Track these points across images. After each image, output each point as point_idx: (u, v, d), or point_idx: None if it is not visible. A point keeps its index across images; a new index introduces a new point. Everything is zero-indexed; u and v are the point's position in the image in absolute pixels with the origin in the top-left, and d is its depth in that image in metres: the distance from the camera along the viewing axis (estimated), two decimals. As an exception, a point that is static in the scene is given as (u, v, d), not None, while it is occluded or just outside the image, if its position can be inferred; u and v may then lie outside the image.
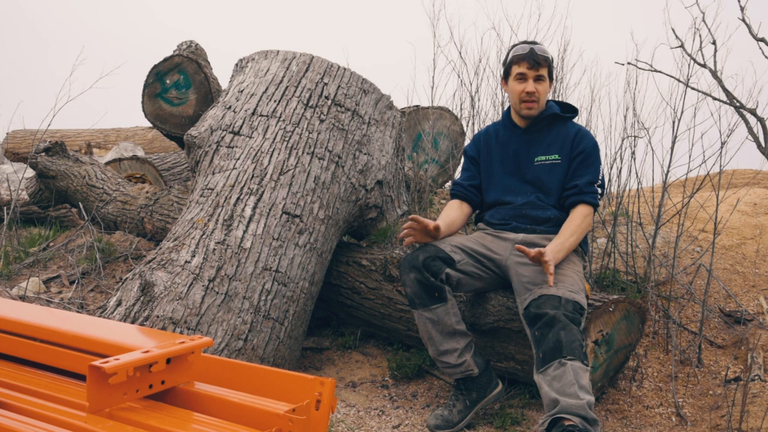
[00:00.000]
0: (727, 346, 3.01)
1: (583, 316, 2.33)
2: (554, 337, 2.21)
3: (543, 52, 2.67)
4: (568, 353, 2.17)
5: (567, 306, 2.29)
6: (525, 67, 2.66)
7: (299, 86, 3.04)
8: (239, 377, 1.22)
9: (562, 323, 2.23)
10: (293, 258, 2.70)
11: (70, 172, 4.20)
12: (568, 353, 2.17)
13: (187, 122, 3.78)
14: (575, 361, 2.17)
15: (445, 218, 2.73)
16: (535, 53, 2.65)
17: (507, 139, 2.80)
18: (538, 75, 2.66)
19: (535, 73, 2.66)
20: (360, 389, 2.92)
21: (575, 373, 2.15)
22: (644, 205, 3.88)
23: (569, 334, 2.21)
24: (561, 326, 2.22)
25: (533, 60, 2.64)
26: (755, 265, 3.54)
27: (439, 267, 2.51)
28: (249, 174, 2.80)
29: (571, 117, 2.78)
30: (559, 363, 2.17)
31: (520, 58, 2.67)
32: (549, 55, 2.69)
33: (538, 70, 2.65)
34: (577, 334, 2.22)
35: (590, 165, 2.66)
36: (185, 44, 4.02)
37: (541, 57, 2.65)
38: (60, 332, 1.27)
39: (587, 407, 2.11)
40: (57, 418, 1.03)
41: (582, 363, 2.18)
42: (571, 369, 2.16)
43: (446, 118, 4.32)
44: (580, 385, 2.14)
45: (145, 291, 2.45)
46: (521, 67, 2.67)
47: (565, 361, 2.17)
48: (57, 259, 4.23)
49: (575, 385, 2.14)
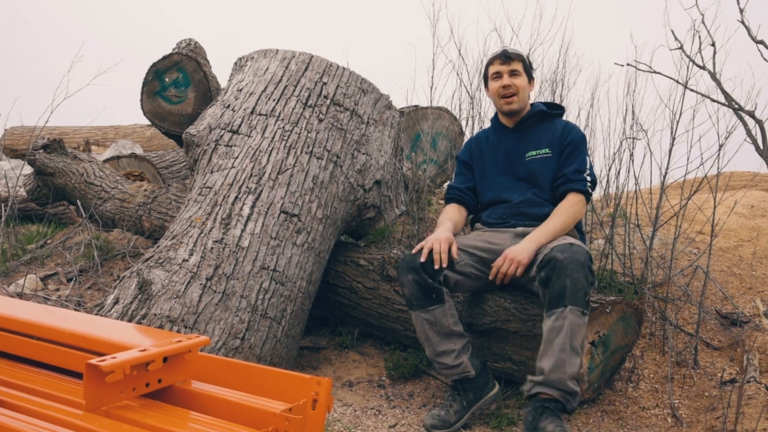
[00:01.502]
0: (723, 348, 3.01)
1: (591, 262, 2.41)
2: (560, 283, 2.30)
3: (514, 49, 2.82)
4: (570, 301, 2.27)
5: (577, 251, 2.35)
6: (498, 64, 2.79)
7: (298, 85, 3.04)
8: (236, 376, 1.22)
9: (569, 269, 2.30)
10: (291, 257, 2.70)
11: (68, 169, 4.20)
12: (571, 301, 2.27)
13: (185, 120, 3.78)
14: (575, 311, 2.27)
15: (451, 220, 2.76)
16: (506, 50, 2.80)
17: (497, 140, 2.87)
18: (512, 69, 2.77)
19: (509, 67, 2.77)
20: (357, 389, 2.92)
21: (571, 332, 2.26)
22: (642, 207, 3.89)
23: (574, 281, 2.29)
24: (568, 272, 2.29)
25: (504, 56, 2.78)
26: (752, 267, 3.55)
27: (437, 268, 2.52)
28: (247, 173, 2.80)
29: (558, 114, 2.83)
30: (561, 313, 2.28)
31: (493, 58, 2.83)
32: (521, 52, 2.82)
33: (510, 65, 2.77)
34: (582, 280, 2.29)
35: (578, 155, 2.73)
36: (184, 42, 4.01)
37: (513, 53, 2.79)
38: (57, 330, 1.27)
39: (568, 381, 2.28)
40: (54, 416, 1.03)
41: (582, 313, 2.28)
42: (568, 325, 2.27)
43: (445, 118, 4.32)
44: (572, 346, 2.27)
45: (143, 289, 2.45)
46: (495, 66, 2.81)
47: (566, 312, 2.27)
48: (55, 257, 4.22)
49: (566, 350, 2.27)
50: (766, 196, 4.37)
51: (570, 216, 2.63)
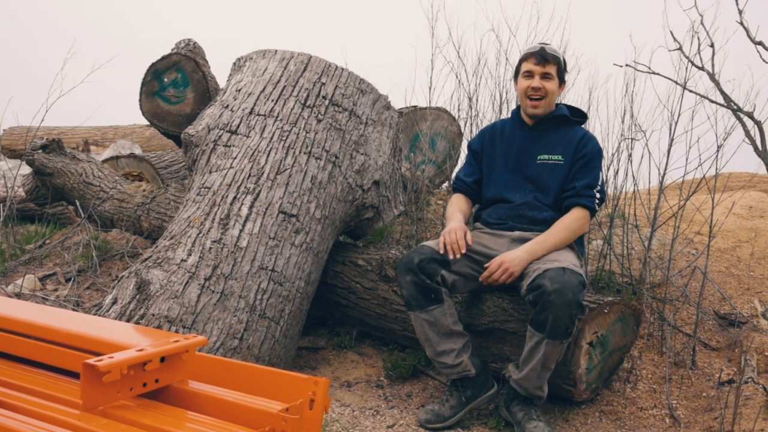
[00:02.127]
0: (721, 349, 3.02)
1: (583, 290, 2.41)
2: (543, 316, 2.34)
3: (553, 51, 2.72)
4: (549, 335, 2.34)
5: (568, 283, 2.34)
6: (532, 63, 2.71)
7: (297, 86, 3.04)
8: (233, 376, 1.22)
9: (553, 306, 2.31)
10: (289, 257, 2.70)
11: (66, 169, 4.19)
12: (549, 335, 2.34)
13: (184, 121, 3.77)
14: (552, 343, 2.35)
15: (460, 211, 2.79)
16: (544, 50, 2.70)
17: (513, 135, 2.82)
18: (545, 72, 2.70)
19: (542, 69, 2.70)
20: (355, 389, 2.92)
21: (545, 357, 2.39)
22: (640, 208, 3.89)
23: (556, 319, 2.31)
24: (552, 308, 2.31)
25: (541, 56, 2.69)
26: (750, 268, 3.55)
27: (435, 269, 2.52)
28: (246, 173, 2.80)
29: (579, 122, 2.80)
30: (540, 341, 2.37)
31: (529, 55, 2.73)
32: (559, 55, 2.74)
33: (545, 67, 2.69)
34: (564, 318, 2.31)
35: (591, 169, 2.68)
36: (183, 42, 4.01)
37: (550, 54, 2.70)
38: (54, 330, 1.27)
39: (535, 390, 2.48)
40: (50, 415, 1.03)
41: (559, 343, 2.36)
42: (544, 353, 2.38)
43: (444, 118, 4.32)
44: (545, 366, 2.41)
45: (141, 289, 2.45)
46: (529, 63, 2.72)
47: (543, 344, 2.36)
48: (53, 257, 4.22)
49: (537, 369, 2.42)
50: (764, 197, 4.38)
51: (572, 232, 2.62)
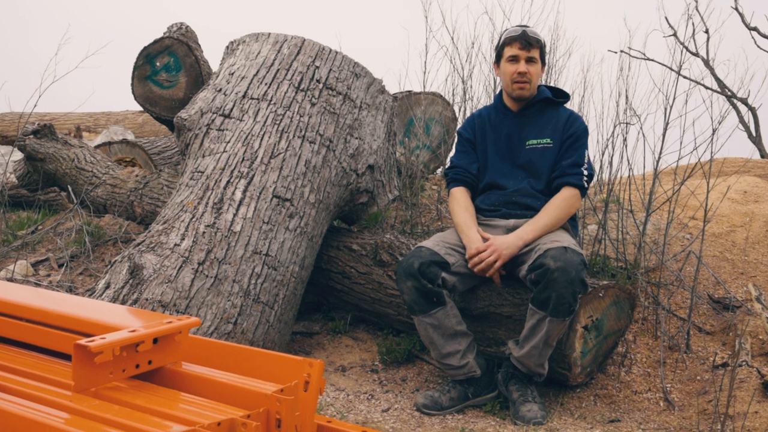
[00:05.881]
0: (715, 333, 3.03)
1: (585, 269, 2.43)
2: (546, 294, 2.35)
3: (534, 34, 2.70)
4: (552, 313, 2.36)
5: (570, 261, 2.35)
6: (517, 48, 2.68)
7: (290, 69, 3.02)
8: (227, 358, 1.21)
9: (557, 283, 2.32)
10: (283, 242, 2.69)
11: (58, 155, 4.16)
12: (552, 313, 2.36)
13: (177, 105, 3.74)
14: (555, 320, 2.37)
15: (470, 212, 2.73)
16: (527, 34, 2.68)
17: (499, 122, 2.80)
18: (529, 56, 2.68)
19: (527, 54, 2.68)
20: (350, 373, 2.92)
21: (548, 335, 2.40)
22: (635, 192, 3.89)
23: (560, 296, 2.33)
24: (555, 286, 2.33)
25: (525, 41, 2.67)
26: (744, 253, 3.56)
27: (435, 272, 2.51)
28: (239, 157, 2.78)
29: (563, 102, 2.79)
30: (542, 318, 2.38)
31: (512, 39, 2.70)
32: (541, 38, 2.72)
33: (529, 51, 2.68)
34: (568, 296, 2.33)
35: (578, 148, 2.69)
36: (175, 26, 3.97)
37: (533, 38, 2.68)
38: (46, 312, 1.26)
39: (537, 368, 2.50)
40: (42, 396, 1.02)
41: (562, 320, 2.38)
42: (547, 330, 2.39)
43: (438, 103, 4.30)
44: (547, 343, 2.43)
45: (134, 274, 2.44)
46: (513, 48, 2.69)
47: (546, 321, 2.38)
48: (46, 242, 4.20)
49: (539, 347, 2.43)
50: (758, 182, 4.38)
51: (562, 211, 2.61)
